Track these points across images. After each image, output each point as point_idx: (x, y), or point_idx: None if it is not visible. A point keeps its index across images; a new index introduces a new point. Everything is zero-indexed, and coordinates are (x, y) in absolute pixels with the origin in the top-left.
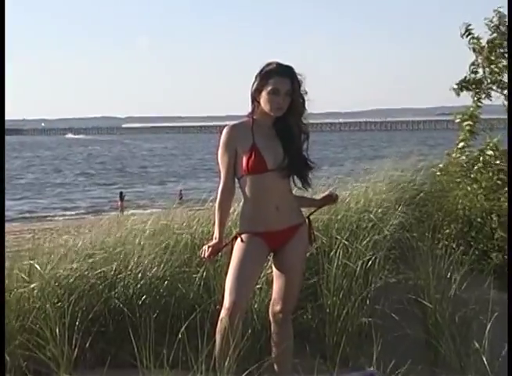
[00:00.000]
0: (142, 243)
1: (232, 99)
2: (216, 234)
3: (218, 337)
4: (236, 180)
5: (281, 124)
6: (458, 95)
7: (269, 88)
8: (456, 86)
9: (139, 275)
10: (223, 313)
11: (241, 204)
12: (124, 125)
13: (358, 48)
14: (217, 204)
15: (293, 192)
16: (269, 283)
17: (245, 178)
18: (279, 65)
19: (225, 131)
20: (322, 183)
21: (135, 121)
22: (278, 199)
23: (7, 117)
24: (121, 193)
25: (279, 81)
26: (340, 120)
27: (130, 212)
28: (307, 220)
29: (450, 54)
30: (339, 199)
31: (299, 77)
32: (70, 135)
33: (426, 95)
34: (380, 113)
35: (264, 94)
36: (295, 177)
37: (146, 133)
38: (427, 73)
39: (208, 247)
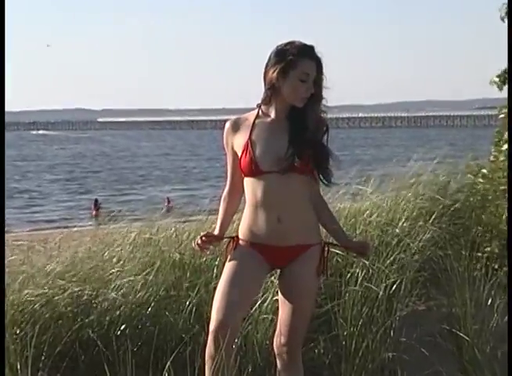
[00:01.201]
0: (121, 261)
1: (231, 89)
2: (216, 228)
3: (206, 370)
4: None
5: (297, 115)
6: (500, 89)
7: (298, 73)
8: (497, 79)
9: (118, 300)
10: (209, 339)
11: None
12: (99, 119)
13: (381, 29)
14: (221, 199)
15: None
16: (274, 311)
17: (245, 181)
18: (304, 45)
19: (225, 125)
20: (337, 190)
21: (112, 115)
22: (280, 208)
23: None
24: (96, 200)
25: (308, 64)
26: (360, 114)
27: (108, 224)
28: (322, 245)
29: (491, 37)
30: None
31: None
32: (42, 131)
33: (463, 85)
34: (408, 107)
35: (290, 80)
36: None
37: (127, 129)
38: (464, 58)
39: (201, 237)
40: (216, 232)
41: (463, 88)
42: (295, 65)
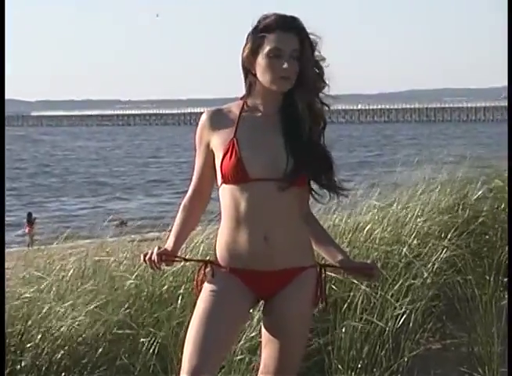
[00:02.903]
0: (62, 291)
1: (197, 75)
2: (168, 242)
3: None
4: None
5: (290, 108)
6: None
7: (267, 48)
8: None
9: (59, 340)
10: None
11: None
12: (34, 113)
13: (382, 4)
14: (181, 207)
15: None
16: (255, 350)
17: (223, 189)
18: (279, 16)
19: (201, 117)
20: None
21: (49, 107)
22: (268, 225)
23: None
24: (30, 214)
25: (281, 37)
26: (361, 106)
27: (45, 244)
28: (318, 269)
29: None
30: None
31: (312, 36)
32: None
33: (486, 70)
34: (420, 97)
35: (260, 60)
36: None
37: (69, 125)
38: (487, 37)
39: (159, 254)
40: (168, 247)
41: (487, 73)
42: (264, 40)
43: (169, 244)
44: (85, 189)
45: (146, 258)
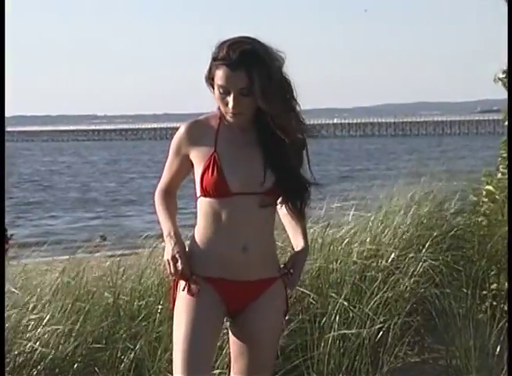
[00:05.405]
0: (38, 306)
1: (174, 89)
2: (169, 228)
3: None
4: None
5: (265, 125)
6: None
7: (218, 82)
8: (502, 76)
9: (36, 353)
10: None
11: (194, 234)
12: (9, 128)
13: (357, 16)
14: (156, 205)
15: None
16: (223, 365)
17: (203, 201)
18: (230, 48)
19: (180, 129)
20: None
21: (22, 122)
22: (248, 236)
23: None
24: (5, 230)
25: (228, 75)
26: (336, 120)
27: (21, 261)
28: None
29: (494, 25)
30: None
31: (280, 54)
32: None
33: (462, 85)
34: (395, 111)
35: (215, 88)
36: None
37: (44, 140)
38: (462, 52)
39: (173, 258)
40: (173, 238)
41: (462, 87)
42: (215, 71)
43: (169, 232)
44: (65, 205)
45: (173, 268)
